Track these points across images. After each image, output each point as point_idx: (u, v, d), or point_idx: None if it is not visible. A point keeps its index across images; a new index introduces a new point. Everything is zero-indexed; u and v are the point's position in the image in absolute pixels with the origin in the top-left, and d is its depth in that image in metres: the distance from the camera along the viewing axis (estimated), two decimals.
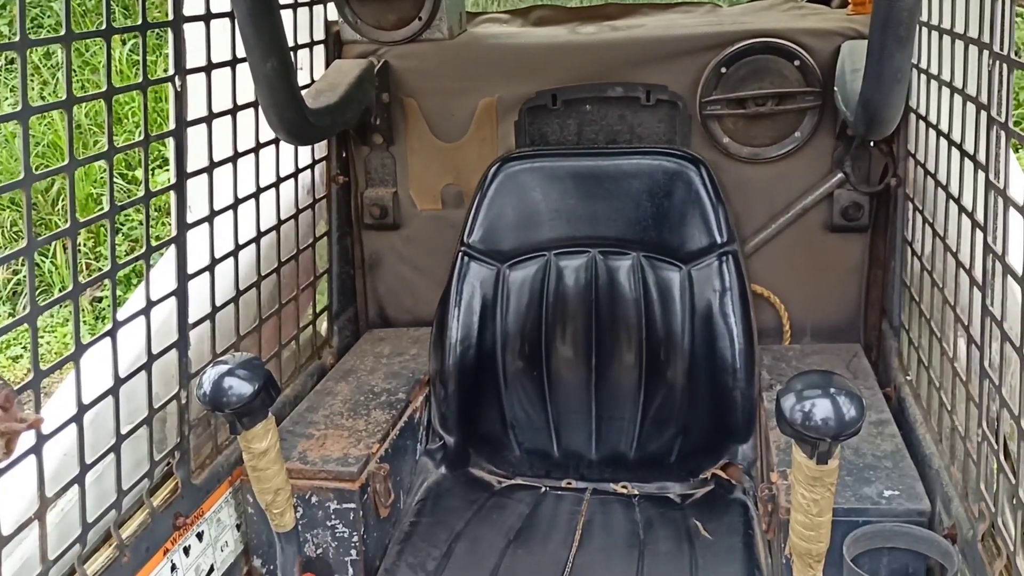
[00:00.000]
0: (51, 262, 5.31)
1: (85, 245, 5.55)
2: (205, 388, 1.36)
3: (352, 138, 2.25)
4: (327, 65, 2.17)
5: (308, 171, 2.12)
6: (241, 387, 1.36)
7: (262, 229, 1.89)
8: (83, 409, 1.36)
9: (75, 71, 5.75)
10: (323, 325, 2.26)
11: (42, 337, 4.94)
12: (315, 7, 2.13)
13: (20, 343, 4.91)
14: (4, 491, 1.26)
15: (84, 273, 5.37)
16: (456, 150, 2.22)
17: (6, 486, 1.24)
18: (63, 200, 5.57)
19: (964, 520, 1.44)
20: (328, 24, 2.21)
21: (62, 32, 1.30)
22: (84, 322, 5.21)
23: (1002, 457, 1.32)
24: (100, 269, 5.73)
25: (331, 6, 2.20)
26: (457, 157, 2.23)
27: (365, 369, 2.14)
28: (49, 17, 6.25)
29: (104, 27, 1.38)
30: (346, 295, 2.32)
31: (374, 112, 2.16)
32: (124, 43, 5.31)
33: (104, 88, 1.39)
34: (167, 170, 1.66)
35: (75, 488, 1.36)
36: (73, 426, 1.35)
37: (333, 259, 2.25)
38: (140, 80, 1.50)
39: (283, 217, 1.99)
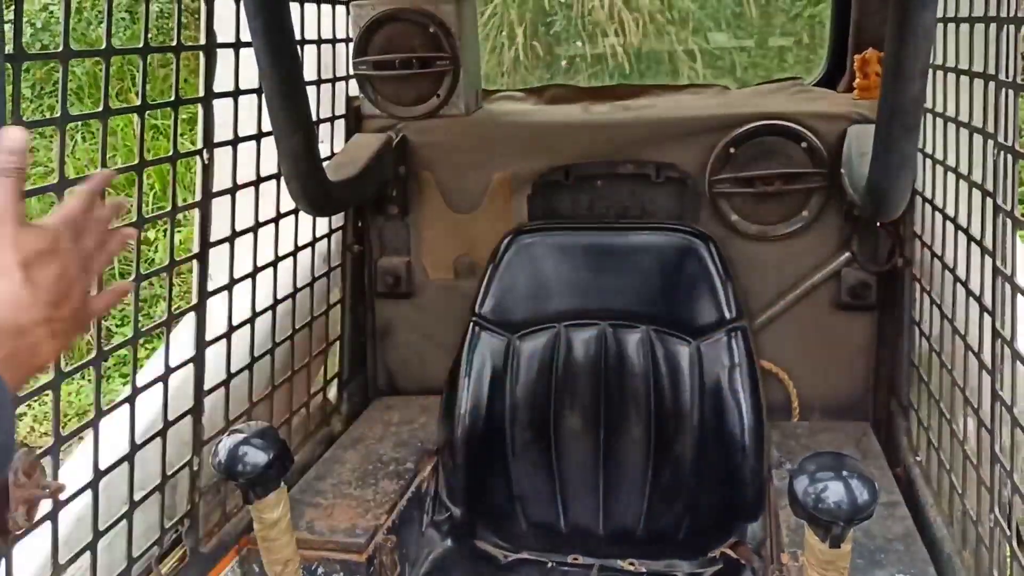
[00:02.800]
0: None
1: None
2: (220, 457, 1.37)
3: (368, 208, 2.30)
4: (347, 138, 2.23)
5: (324, 240, 2.16)
6: (256, 456, 1.37)
7: (278, 297, 1.92)
8: (99, 475, 1.37)
9: (94, 131, 5.90)
10: (332, 392, 2.27)
11: (46, 395, 4.93)
12: (337, 83, 2.20)
13: (23, 400, 4.89)
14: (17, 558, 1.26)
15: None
16: (470, 222, 2.27)
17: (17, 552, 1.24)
18: None
19: None
20: (349, 99, 2.27)
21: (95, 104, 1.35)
22: (87, 380, 5.22)
23: (1015, 543, 1.32)
24: (108, 329, 5.76)
25: (352, 82, 2.27)
26: (471, 229, 2.27)
27: (374, 437, 2.14)
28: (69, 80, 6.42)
29: (140, 103, 1.44)
30: (356, 362, 2.34)
31: (391, 184, 2.22)
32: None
33: (136, 161, 1.44)
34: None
35: (86, 555, 1.36)
36: (87, 492, 1.36)
37: (345, 326, 2.27)
38: (171, 152, 1.55)
39: (299, 285, 2.02)
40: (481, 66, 2.44)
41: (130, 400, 1.44)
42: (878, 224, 2.07)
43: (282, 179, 1.85)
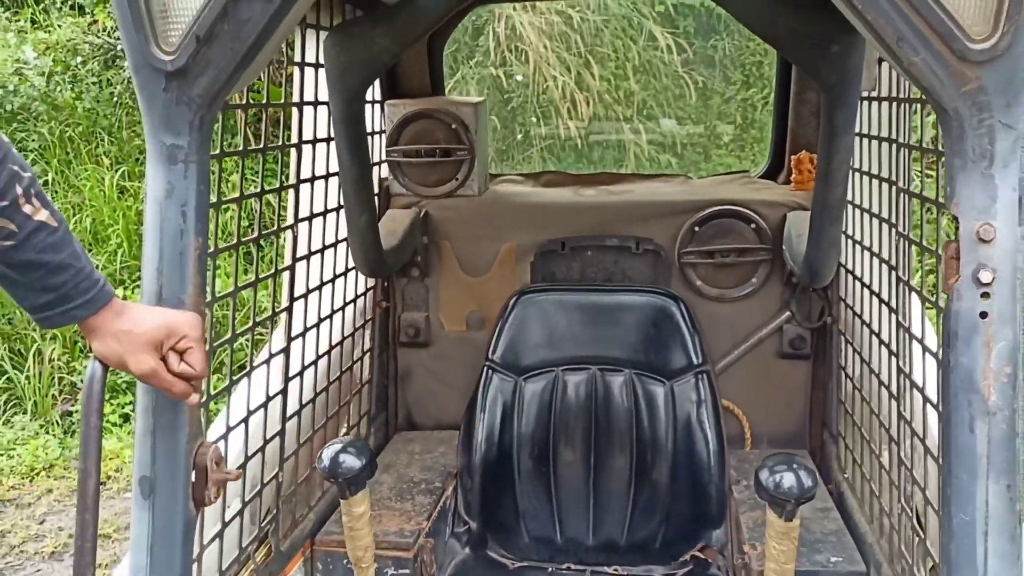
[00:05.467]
0: (26, 376, 5.50)
1: (60, 359, 5.80)
2: (325, 462, 1.76)
3: (395, 271, 2.73)
4: (379, 213, 2.67)
5: (361, 297, 2.58)
6: (352, 461, 1.76)
7: (332, 343, 2.33)
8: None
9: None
10: (362, 426, 2.67)
11: (13, 449, 5.13)
12: (372, 167, 2.65)
13: (3, 453, 5.10)
14: None
15: (65, 385, 5.58)
16: (481, 283, 2.72)
17: None
18: None
19: None
20: (380, 180, 2.72)
21: None
22: (53, 435, 5.41)
23: (915, 523, 1.80)
24: (73, 383, 5.96)
25: (384, 167, 2.72)
26: (481, 289, 2.71)
27: (402, 463, 2.53)
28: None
29: (260, 189, 1.87)
30: (381, 401, 2.74)
31: (417, 251, 2.66)
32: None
33: (256, 234, 1.86)
34: None
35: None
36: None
37: (374, 371, 2.68)
38: (275, 228, 1.97)
39: (345, 335, 2.43)
40: (489, 154, 2.93)
41: (245, 421, 1.83)
42: (812, 289, 2.58)
43: (337, 248, 2.29)
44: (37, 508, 4.67)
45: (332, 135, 2.07)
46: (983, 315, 1.25)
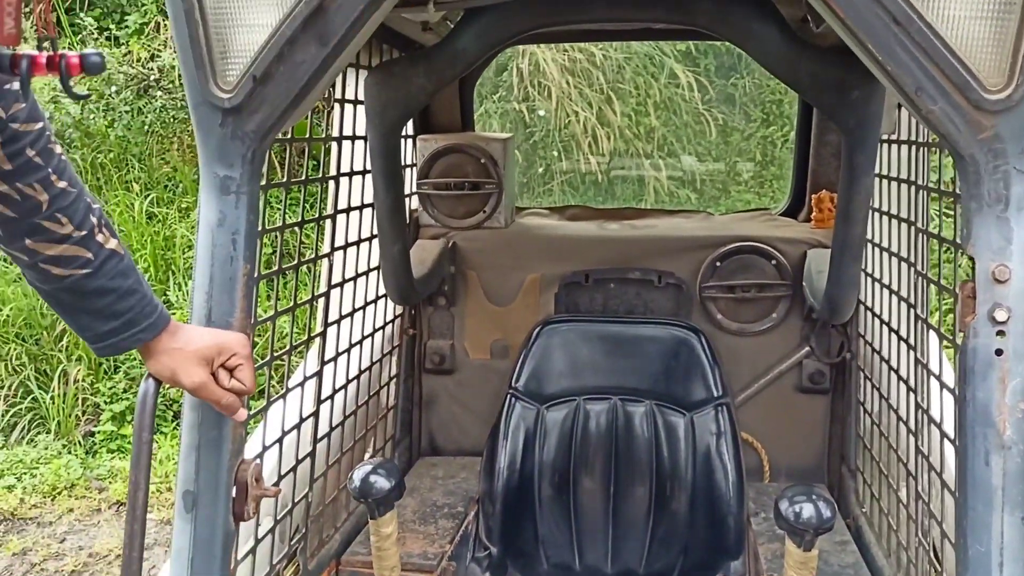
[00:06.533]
0: (51, 397, 5.58)
1: (85, 380, 5.88)
2: (356, 483, 1.81)
3: (422, 299, 2.80)
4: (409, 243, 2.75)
5: (389, 325, 2.65)
6: (382, 482, 1.82)
7: (361, 369, 2.39)
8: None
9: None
10: (387, 450, 2.72)
11: (36, 468, 5.22)
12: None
13: (13, 473, 5.17)
14: None
15: (88, 405, 5.66)
16: (505, 313, 2.78)
17: None
18: (68, 337, 5.90)
19: None
20: (411, 211, 2.80)
21: None
22: (75, 455, 5.48)
23: (933, 557, 1.83)
24: (96, 404, 6.04)
25: (414, 198, 2.80)
26: (506, 318, 2.78)
27: (425, 488, 2.58)
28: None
29: (280, 223, 1.94)
30: (406, 426, 2.80)
31: (444, 280, 2.73)
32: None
33: (296, 261, 1.94)
34: None
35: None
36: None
37: (400, 397, 2.74)
38: (311, 255, 2.05)
39: (373, 360, 2.50)
40: (515, 188, 3.01)
41: (279, 441, 1.90)
42: (831, 325, 2.63)
43: (368, 276, 2.36)
44: (58, 527, 4.73)
45: (368, 168, 2.15)
46: (998, 352, 1.30)
